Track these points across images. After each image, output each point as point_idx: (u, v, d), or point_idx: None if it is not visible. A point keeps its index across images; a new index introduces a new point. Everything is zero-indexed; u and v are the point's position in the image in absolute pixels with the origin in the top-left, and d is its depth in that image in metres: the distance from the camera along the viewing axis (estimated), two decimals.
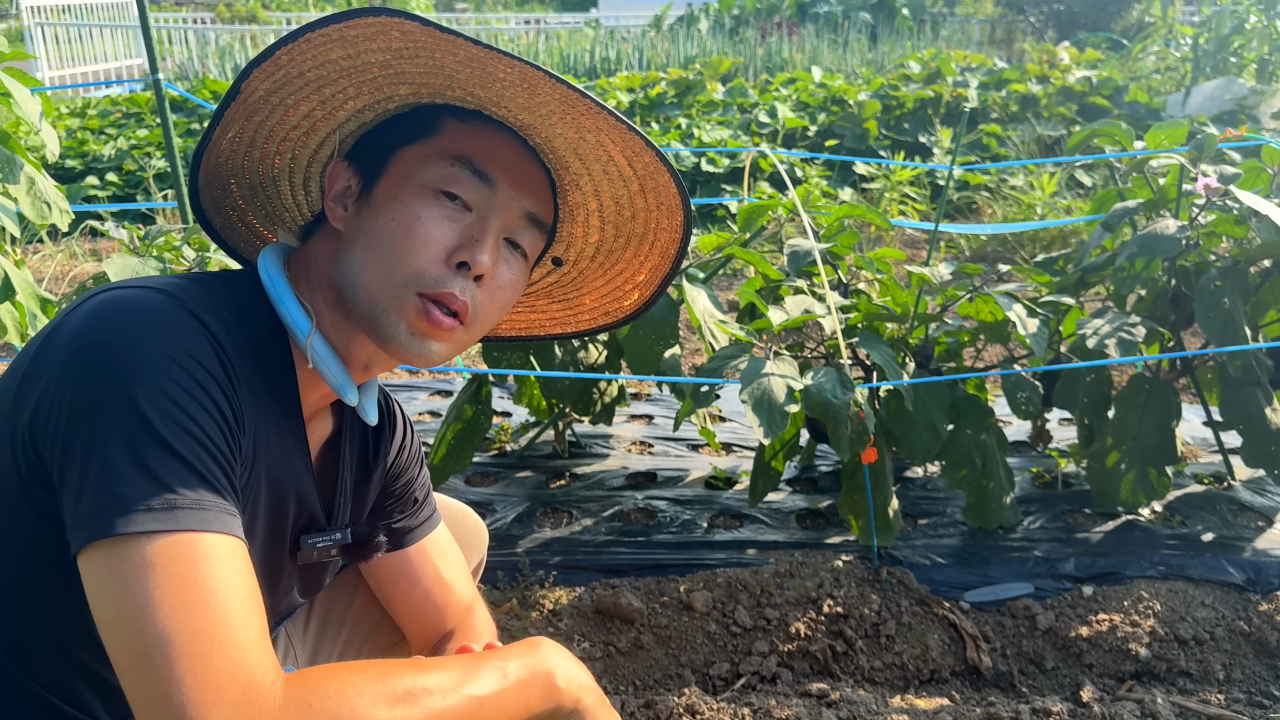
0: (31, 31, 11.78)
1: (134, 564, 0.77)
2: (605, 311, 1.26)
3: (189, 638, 0.75)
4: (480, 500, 2.59)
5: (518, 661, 0.95)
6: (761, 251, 2.82)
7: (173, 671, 0.74)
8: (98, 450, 0.80)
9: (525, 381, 2.76)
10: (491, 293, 1.02)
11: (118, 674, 0.77)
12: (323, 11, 17.59)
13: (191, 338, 0.86)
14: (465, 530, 1.43)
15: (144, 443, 0.80)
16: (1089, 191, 6.36)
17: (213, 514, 0.81)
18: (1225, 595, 2.24)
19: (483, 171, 1.00)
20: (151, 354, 0.83)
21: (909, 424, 2.30)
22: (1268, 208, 2.18)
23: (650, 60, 11.67)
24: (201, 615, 0.76)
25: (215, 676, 0.75)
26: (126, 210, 6.02)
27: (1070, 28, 13.75)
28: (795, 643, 2.11)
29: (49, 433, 0.83)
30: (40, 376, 0.85)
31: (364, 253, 0.99)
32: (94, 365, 0.82)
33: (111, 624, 0.77)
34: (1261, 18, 8.08)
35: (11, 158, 1.67)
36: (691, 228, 1.12)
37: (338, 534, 1.11)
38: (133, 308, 0.86)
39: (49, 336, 0.87)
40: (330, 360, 1.01)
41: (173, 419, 0.81)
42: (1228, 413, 2.43)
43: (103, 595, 0.77)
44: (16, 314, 1.77)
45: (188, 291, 0.91)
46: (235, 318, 0.94)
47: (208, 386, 0.85)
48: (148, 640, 0.75)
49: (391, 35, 0.93)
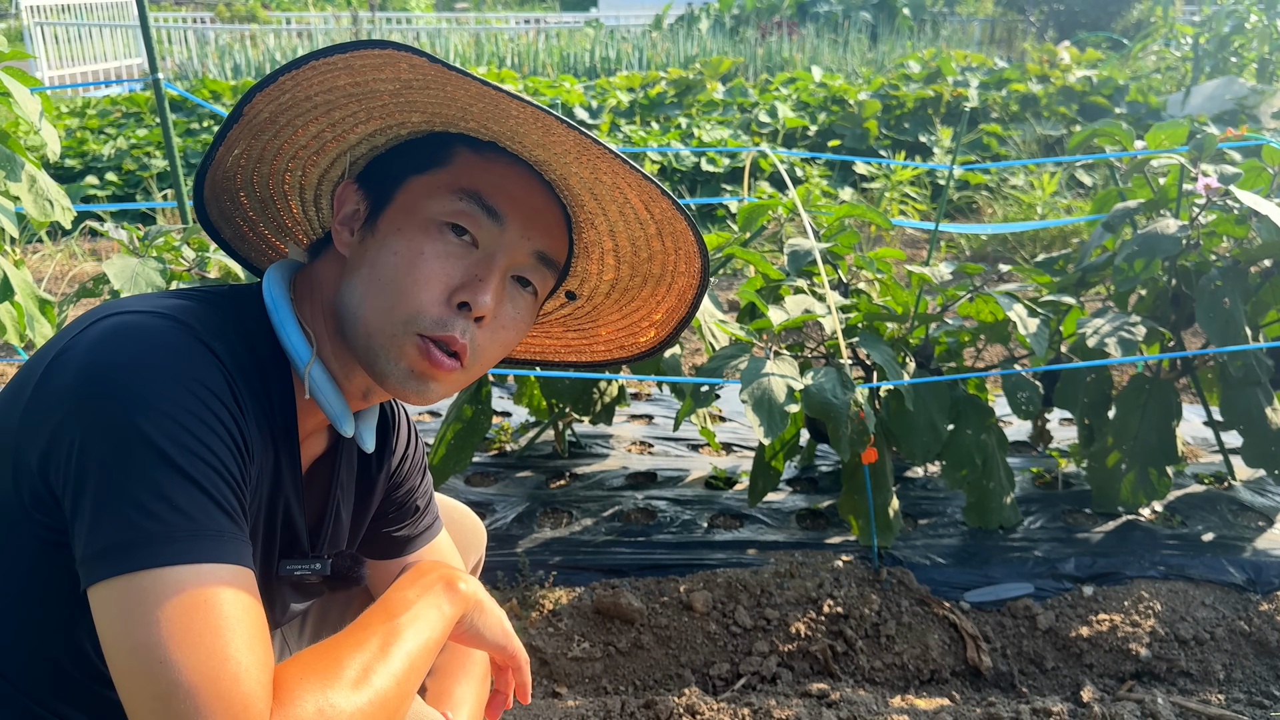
0: (31, 31, 11.78)
1: (155, 594, 0.77)
2: (621, 345, 1.24)
3: (215, 665, 0.76)
4: (480, 500, 2.59)
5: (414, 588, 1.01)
6: (761, 251, 2.82)
7: (197, 702, 0.75)
8: (114, 481, 0.79)
9: (525, 381, 2.76)
10: (494, 332, 1.00)
11: (126, 702, 0.77)
12: (323, 11, 17.61)
13: (203, 366, 0.86)
14: (464, 530, 1.42)
15: (162, 472, 0.80)
16: (1089, 191, 6.36)
17: (230, 543, 0.82)
18: (1225, 595, 2.24)
19: (492, 208, 0.97)
20: (164, 383, 0.82)
21: (909, 424, 2.30)
22: (1268, 207, 2.18)
23: (650, 60, 11.67)
24: (226, 643, 0.78)
25: (240, 702, 0.76)
26: (126, 210, 6.02)
27: (1070, 27, 13.75)
28: (795, 643, 2.11)
29: (60, 464, 0.82)
30: (49, 405, 0.84)
31: (365, 285, 0.97)
32: (107, 396, 0.81)
33: (129, 655, 0.76)
34: (1262, 18, 8.08)
35: (12, 156, 1.67)
36: (709, 277, 1.10)
37: (317, 564, 1.09)
38: (143, 335, 0.85)
39: (56, 360, 0.86)
40: (328, 390, 1.00)
41: (188, 449, 0.81)
42: (1228, 413, 2.43)
43: (119, 626, 0.77)
44: (15, 314, 1.77)
45: (195, 315, 0.90)
46: (240, 341, 0.93)
47: (220, 415, 0.85)
48: (170, 671, 0.75)
49: (400, 67, 0.91)
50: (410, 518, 1.24)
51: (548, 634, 2.12)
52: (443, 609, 0.99)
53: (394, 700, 0.88)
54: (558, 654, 2.09)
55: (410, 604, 0.96)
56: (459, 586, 1.03)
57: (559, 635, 2.12)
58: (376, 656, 0.89)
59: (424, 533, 1.25)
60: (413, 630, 0.94)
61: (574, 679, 2.08)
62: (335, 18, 15.29)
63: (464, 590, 1.03)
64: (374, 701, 0.85)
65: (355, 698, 0.84)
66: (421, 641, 0.94)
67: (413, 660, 0.91)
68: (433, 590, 1.00)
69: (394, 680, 0.88)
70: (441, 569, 1.04)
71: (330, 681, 0.84)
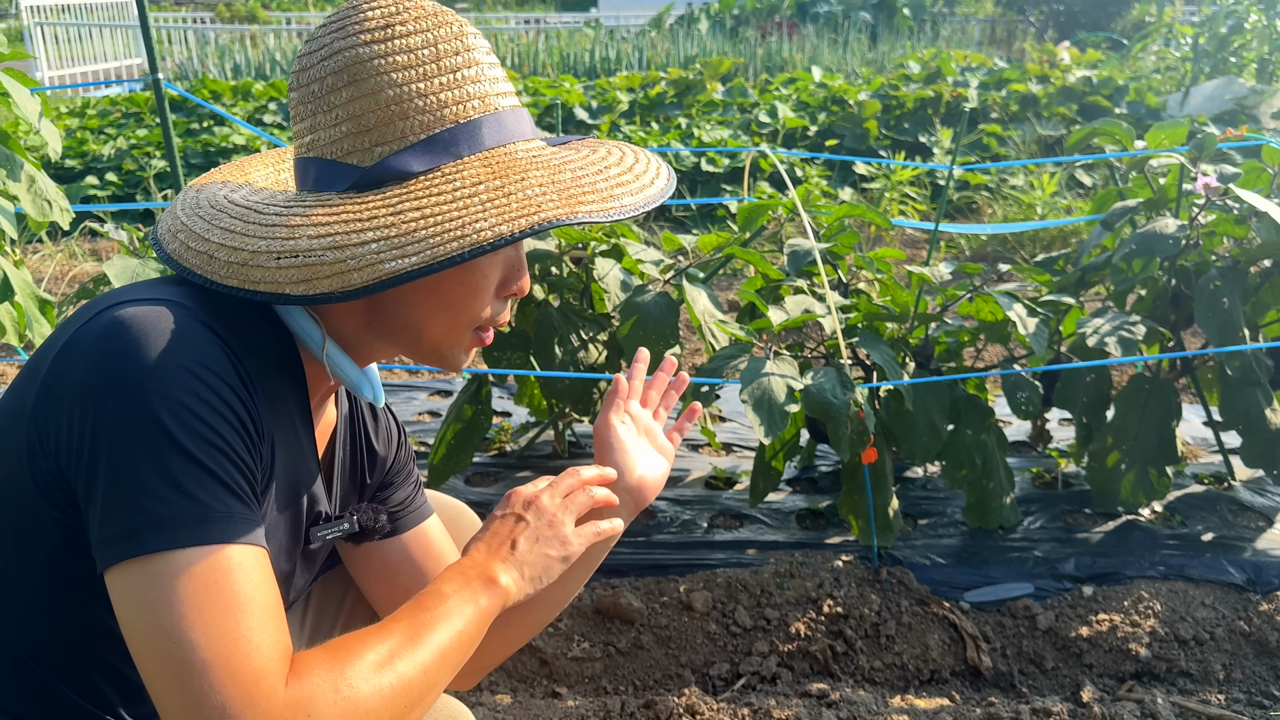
0: (31, 31, 11.79)
1: (169, 576, 0.79)
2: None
3: (229, 643, 0.78)
4: (480, 500, 2.59)
5: (452, 583, 0.97)
6: (761, 251, 2.82)
7: (213, 679, 0.77)
8: (125, 468, 0.81)
9: (525, 381, 2.76)
10: None
11: (148, 683, 0.79)
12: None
13: (208, 349, 0.86)
14: (462, 528, 1.43)
15: (171, 457, 0.81)
16: (1089, 191, 6.36)
17: (241, 525, 0.83)
18: (1225, 595, 2.24)
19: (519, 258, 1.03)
20: (170, 369, 0.84)
21: (909, 424, 2.30)
22: (1268, 206, 2.18)
23: (650, 60, 11.67)
24: (239, 621, 0.80)
25: (251, 677, 0.78)
26: (126, 210, 6.02)
27: (1070, 27, 13.75)
28: (795, 643, 2.11)
29: (72, 453, 0.84)
30: (59, 396, 0.85)
31: (425, 301, 0.98)
32: (114, 384, 0.83)
33: (145, 635, 0.79)
34: (1261, 18, 8.08)
35: (12, 157, 1.68)
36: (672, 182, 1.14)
37: (345, 524, 1.13)
38: (148, 323, 0.86)
39: (63, 352, 0.87)
40: (346, 363, 1.02)
41: (196, 432, 0.83)
42: (1228, 413, 2.43)
43: (135, 608, 0.80)
44: (15, 314, 1.77)
45: (197, 299, 0.91)
46: (244, 321, 0.94)
47: (227, 397, 0.86)
48: (186, 649, 0.78)
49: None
50: (405, 495, 1.25)
51: (547, 634, 2.12)
52: (479, 603, 0.97)
53: (418, 689, 0.87)
54: (557, 654, 2.10)
55: (446, 598, 0.95)
56: (499, 580, 0.99)
57: (559, 635, 2.13)
58: (403, 644, 0.88)
59: (418, 509, 1.26)
60: (446, 624, 0.92)
61: (574, 679, 2.08)
62: None
63: (504, 584, 1.00)
64: (395, 686, 0.85)
65: (375, 679, 0.84)
66: (454, 634, 0.92)
67: (443, 652, 0.91)
68: (470, 585, 0.97)
69: (420, 669, 0.87)
70: (483, 565, 1.01)
71: (349, 663, 0.84)
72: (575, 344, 2.42)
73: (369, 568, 1.25)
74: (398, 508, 1.23)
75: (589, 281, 2.54)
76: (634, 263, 2.46)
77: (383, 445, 1.22)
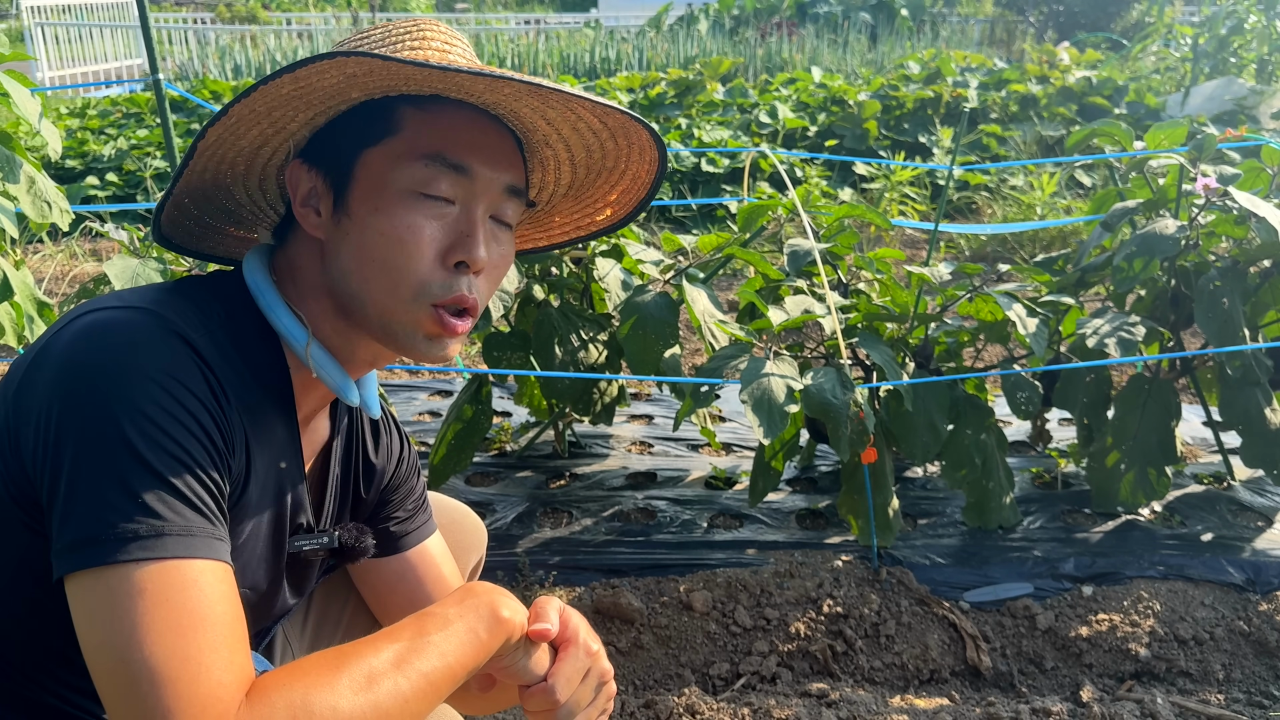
0: (31, 31, 11.79)
1: (121, 591, 0.77)
2: (577, 226, 1.28)
3: (176, 664, 0.75)
4: (480, 500, 2.59)
5: (457, 607, 0.92)
6: (761, 251, 2.82)
7: (159, 698, 0.74)
8: (84, 476, 0.80)
9: (525, 381, 2.76)
10: (489, 275, 1.03)
11: (102, 698, 0.77)
12: (323, 12, 17.61)
13: (176, 361, 0.86)
14: (464, 530, 1.43)
15: (131, 469, 0.80)
16: (1089, 191, 6.36)
17: (199, 540, 0.82)
18: (1225, 595, 2.24)
19: (457, 164, 0.98)
20: (136, 379, 0.83)
21: (909, 424, 2.30)
22: (1266, 209, 2.18)
23: (650, 60, 11.67)
24: (189, 641, 0.77)
25: (199, 701, 0.75)
26: (126, 210, 6.02)
27: (1070, 28, 13.76)
28: (795, 643, 2.12)
29: (38, 458, 0.84)
30: (28, 400, 0.85)
31: (360, 267, 0.98)
32: (80, 392, 0.82)
33: (98, 649, 0.77)
34: (1261, 18, 8.09)
35: (11, 157, 1.68)
36: (666, 164, 1.14)
37: (324, 538, 1.11)
38: (117, 331, 0.86)
39: (36, 358, 0.87)
40: (329, 365, 1.01)
41: (159, 445, 0.82)
42: (1227, 413, 2.43)
43: (89, 621, 0.78)
44: (14, 315, 1.77)
45: (174, 308, 0.90)
46: (225, 329, 0.94)
47: (193, 409, 0.85)
48: (134, 667, 0.75)
49: (348, 66, 0.91)
50: (405, 516, 1.24)
51: None
52: (479, 633, 0.91)
53: (394, 717, 0.82)
54: None
55: (447, 623, 0.90)
56: (503, 613, 0.93)
57: None
58: (388, 668, 0.83)
59: (416, 530, 1.25)
60: (439, 650, 0.87)
61: None
62: (335, 18, 15.30)
63: (507, 617, 0.93)
64: (366, 713, 0.80)
65: (344, 703, 0.79)
66: (446, 663, 0.87)
67: (431, 680, 0.85)
68: (475, 612, 0.92)
69: (399, 698, 0.82)
70: (493, 593, 0.95)
71: (318, 684, 0.79)
72: (575, 344, 2.42)
73: (367, 582, 1.25)
74: (398, 525, 1.23)
75: (589, 281, 2.55)
76: (634, 263, 2.46)
77: (381, 458, 1.21)
